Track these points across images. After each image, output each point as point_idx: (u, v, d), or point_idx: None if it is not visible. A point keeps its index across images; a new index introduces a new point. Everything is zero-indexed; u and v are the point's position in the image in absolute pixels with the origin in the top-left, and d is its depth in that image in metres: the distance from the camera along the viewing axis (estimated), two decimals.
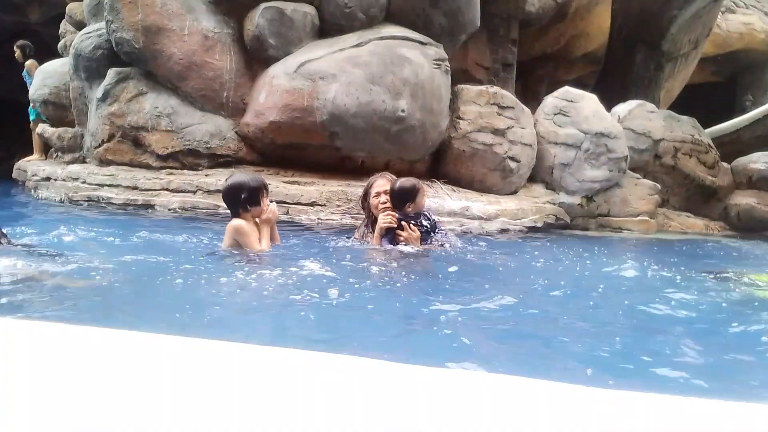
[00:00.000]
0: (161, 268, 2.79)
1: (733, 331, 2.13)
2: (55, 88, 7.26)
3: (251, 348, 1.18)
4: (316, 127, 5.50)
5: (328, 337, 1.92)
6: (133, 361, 1.05)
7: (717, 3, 10.16)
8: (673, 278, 3.31)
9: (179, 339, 1.20)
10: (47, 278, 2.45)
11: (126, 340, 1.19)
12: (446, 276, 3.01)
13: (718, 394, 1.23)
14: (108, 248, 3.44)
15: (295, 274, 2.69)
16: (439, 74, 5.92)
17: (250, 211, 3.08)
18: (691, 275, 3.42)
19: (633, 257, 4.37)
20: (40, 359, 1.02)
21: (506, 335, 2.02)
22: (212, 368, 1.04)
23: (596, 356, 1.76)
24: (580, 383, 1.03)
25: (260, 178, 3.19)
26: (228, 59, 5.84)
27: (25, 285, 2.32)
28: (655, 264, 3.83)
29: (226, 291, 2.42)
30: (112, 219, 4.91)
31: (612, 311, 2.47)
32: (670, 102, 10.68)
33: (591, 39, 10.21)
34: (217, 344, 1.19)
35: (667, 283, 3.20)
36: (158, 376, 0.97)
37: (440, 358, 1.61)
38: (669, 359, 1.74)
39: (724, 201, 8.30)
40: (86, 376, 0.95)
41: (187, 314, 2.06)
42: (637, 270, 3.49)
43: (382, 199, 3.59)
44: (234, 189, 3.07)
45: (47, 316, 1.88)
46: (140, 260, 2.96)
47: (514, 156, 6.16)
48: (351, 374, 1.04)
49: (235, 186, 3.06)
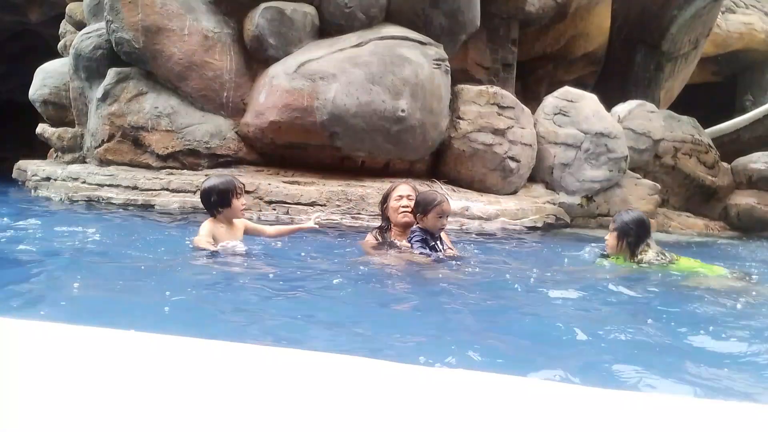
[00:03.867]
0: (135, 267, 2.79)
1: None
2: (55, 88, 7.26)
3: (251, 348, 1.18)
4: (316, 127, 5.51)
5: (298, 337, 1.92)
6: (133, 361, 1.05)
7: (717, 3, 10.16)
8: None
9: (179, 339, 1.20)
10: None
11: (126, 340, 1.19)
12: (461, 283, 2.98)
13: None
14: (106, 246, 3.44)
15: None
16: (439, 74, 5.93)
17: (222, 213, 3.22)
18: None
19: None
20: (40, 359, 1.02)
21: (513, 335, 2.02)
22: (212, 368, 1.04)
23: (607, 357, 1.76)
24: (580, 383, 1.03)
25: (231, 180, 3.28)
26: (228, 59, 5.85)
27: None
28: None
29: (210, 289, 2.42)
30: (112, 219, 4.91)
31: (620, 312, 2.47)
32: (670, 102, 10.68)
33: (591, 39, 10.22)
34: (217, 344, 1.19)
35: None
36: (158, 376, 0.97)
37: (439, 358, 1.62)
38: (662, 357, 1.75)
39: (724, 201, 8.30)
40: (86, 376, 0.95)
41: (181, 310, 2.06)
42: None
43: (403, 202, 3.47)
44: (204, 193, 3.23)
45: (45, 316, 1.88)
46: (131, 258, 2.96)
47: (514, 156, 6.16)
48: (351, 374, 1.04)
49: (205, 190, 3.22)
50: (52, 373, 0.95)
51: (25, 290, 2.30)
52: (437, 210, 3.27)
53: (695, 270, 3.40)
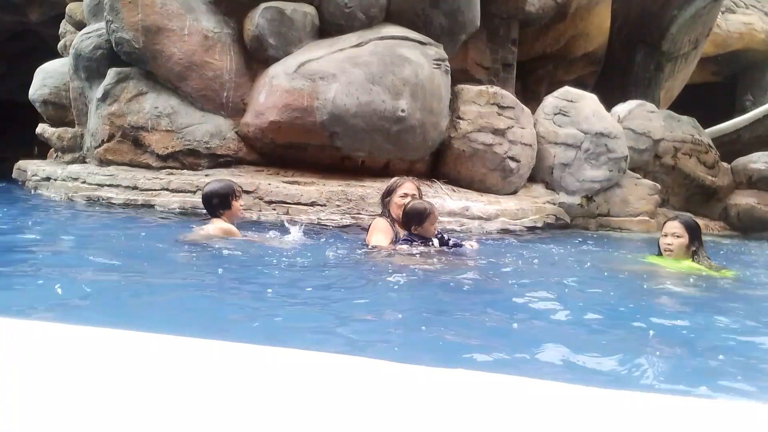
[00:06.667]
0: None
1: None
2: (55, 88, 7.26)
3: (251, 348, 1.18)
4: (316, 127, 5.50)
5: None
6: (133, 361, 1.05)
7: (717, 3, 10.17)
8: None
9: (179, 339, 1.20)
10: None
11: (126, 340, 1.19)
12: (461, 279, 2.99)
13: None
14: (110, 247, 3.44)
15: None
16: (439, 74, 5.92)
17: (224, 214, 3.56)
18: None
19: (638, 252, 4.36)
20: (40, 359, 1.02)
21: (511, 335, 2.02)
22: (212, 368, 1.04)
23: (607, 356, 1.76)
24: (580, 383, 1.03)
25: (230, 184, 3.64)
26: (228, 59, 5.84)
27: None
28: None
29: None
30: (111, 218, 4.91)
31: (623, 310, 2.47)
32: (670, 102, 10.68)
33: (591, 39, 10.21)
34: (216, 344, 1.19)
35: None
36: (158, 376, 0.97)
37: (440, 358, 1.62)
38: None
39: (724, 201, 8.30)
40: (86, 377, 0.95)
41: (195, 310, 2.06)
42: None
43: (408, 200, 3.57)
44: (206, 197, 3.57)
45: (46, 316, 1.88)
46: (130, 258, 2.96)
47: (514, 156, 6.16)
48: (351, 374, 1.04)
49: (207, 194, 3.57)
50: (52, 373, 0.95)
51: (25, 290, 2.30)
52: (431, 219, 3.49)
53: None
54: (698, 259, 3.49)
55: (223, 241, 3.43)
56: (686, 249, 3.51)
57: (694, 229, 3.56)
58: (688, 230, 3.52)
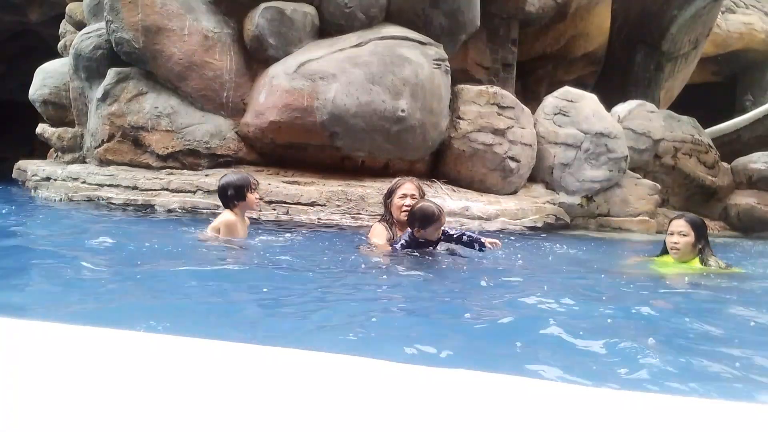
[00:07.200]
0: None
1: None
2: (55, 88, 7.26)
3: (251, 348, 1.18)
4: (316, 127, 5.51)
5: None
6: (133, 361, 1.05)
7: (717, 3, 10.17)
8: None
9: (179, 339, 1.20)
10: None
11: (126, 340, 1.19)
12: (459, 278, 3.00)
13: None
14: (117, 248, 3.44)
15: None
16: (439, 74, 5.92)
17: (238, 206, 3.60)
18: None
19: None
20: (40, 359, 1.02)
21: (509, 334, 2.02)
22: (212, 368, 1.04)
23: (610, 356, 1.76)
24: (580, 383, 1.03)
25: (246, 177, 3.69)
26: (228, 59, 5.84)
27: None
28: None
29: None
30: (111, 218, 4.91)
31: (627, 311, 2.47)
32: (670, 102, 10.68)
33: (591, 39, 10.22)
34: (217, 344, 1.19)
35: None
36: (158, 377, 0.97)
37: (440, 358, 1.62)
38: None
39: (724, 201, 8.30)
40: (86, 377, 0.95)
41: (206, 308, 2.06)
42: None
43: (407, 201, 3.56)
44: (222, 188, 3.63)
45: (46, 315, 1.88)
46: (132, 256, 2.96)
47: (514, 156, 6.16)
48: (351, 374, 1.04)
49: (223, 185, 3.63)
50: (52, 373, 0.95)
51: (24, 290, 2.30)
52: (436, 225, 3.35)
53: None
54: (705, 258, 3.49)
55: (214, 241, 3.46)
56: (692, 247, 3.51)
57: (700, 227, 3.55)
58: (694, 228, 3.52)
